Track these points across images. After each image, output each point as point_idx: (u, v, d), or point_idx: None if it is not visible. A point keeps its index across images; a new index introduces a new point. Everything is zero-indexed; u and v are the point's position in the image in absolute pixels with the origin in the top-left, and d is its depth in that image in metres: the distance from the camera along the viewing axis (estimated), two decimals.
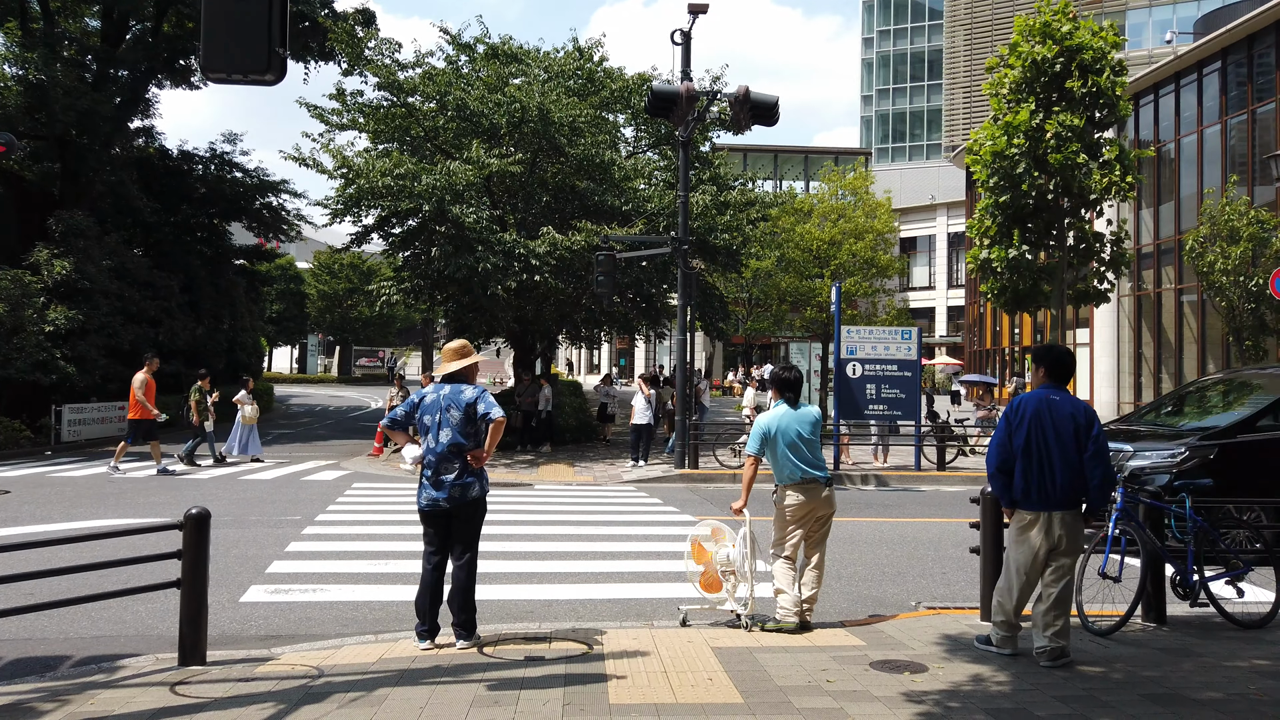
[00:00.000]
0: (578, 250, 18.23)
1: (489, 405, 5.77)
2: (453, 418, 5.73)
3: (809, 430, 6.34)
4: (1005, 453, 5.32)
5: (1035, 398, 5.34)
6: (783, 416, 6.32)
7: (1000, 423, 5.45)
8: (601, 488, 14.72)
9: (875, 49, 76.75)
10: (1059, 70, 16.26)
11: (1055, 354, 5.62)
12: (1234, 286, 20.24)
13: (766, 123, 14.31)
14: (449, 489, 5.68)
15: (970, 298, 43.56)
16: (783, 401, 6.42)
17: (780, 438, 6.27)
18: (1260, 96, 26.98)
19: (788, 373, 6.48)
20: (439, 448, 5.70)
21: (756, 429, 6.37)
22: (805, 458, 6.27)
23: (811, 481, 6.24)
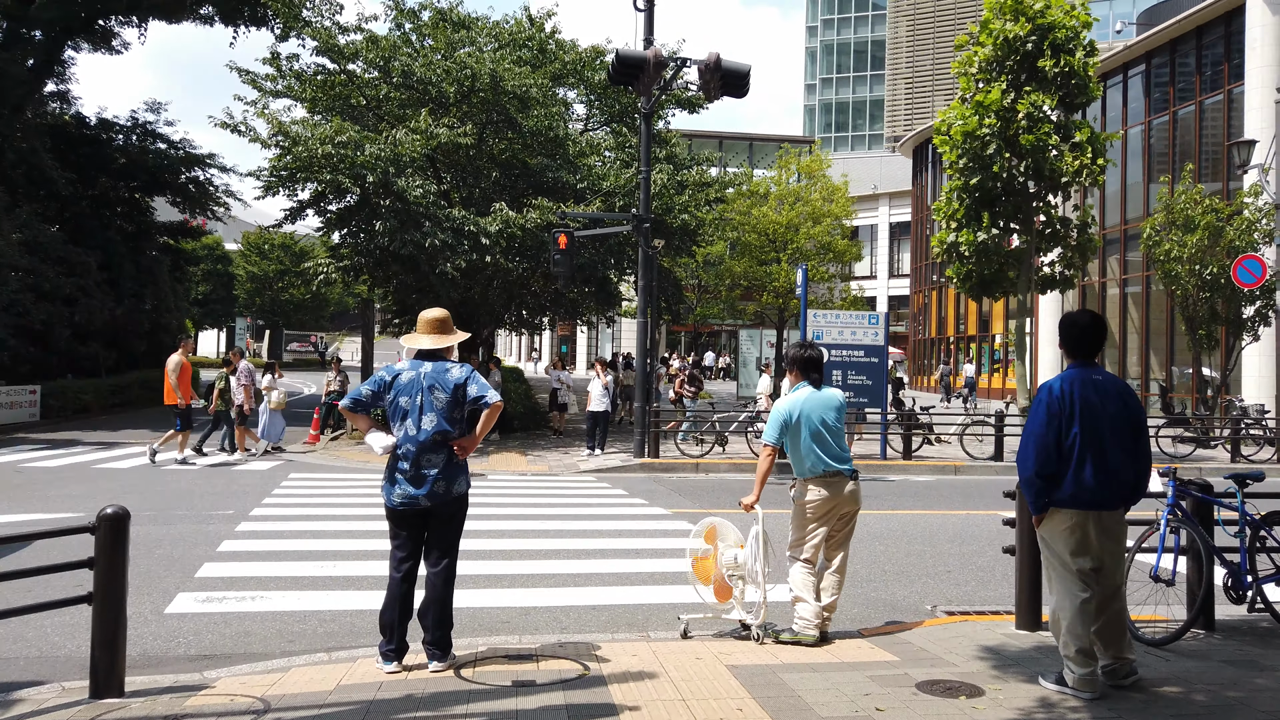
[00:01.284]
0: (531, 229, 17.30)
1: (483, 387, 4.92)
2: (438, 401, 4.86)
3: (835, 417, 5.62)
4: (1049, 454, 4.39)
5: (1077, 380, 4.44)
6: (806, 401, 5.58)
7: (1038, 418, 4.43)
8: (558, 478, 13.88)
9: (819, 38, 76.73)
10: (1031, 49, 15.82)
11: (1075, 324, 4.60)
12: (1190, 275, 20.19)
13: (737, 93, 13.56)
14: (431, 484, 4.81)
15: (915, 286, 43.63)
16: (805, 384, 5.68)
17: (804, 425, 5.53)
18: (1208, 88, 27.19)
19: (808, 351, 5.74)
20: (421, 436, 4.83)
21: (776, 415, 5.61)
22: (830, 448, 5.54)
23: (836, 475, 5.52)
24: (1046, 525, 4.51)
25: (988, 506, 11.42)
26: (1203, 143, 27.47)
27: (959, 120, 16.20)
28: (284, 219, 20.56)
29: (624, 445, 17.42)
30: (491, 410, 4.87)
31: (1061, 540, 4.45)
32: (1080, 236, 16.87)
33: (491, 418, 4.91)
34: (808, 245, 22.44)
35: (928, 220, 41.73)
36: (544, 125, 18.95)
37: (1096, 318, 4.61)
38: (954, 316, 39.25)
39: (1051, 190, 16.30)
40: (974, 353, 37.86)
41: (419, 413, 4.84)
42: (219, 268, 54.93)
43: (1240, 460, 16.57)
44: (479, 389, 4.89)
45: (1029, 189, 16.40)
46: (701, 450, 15.76)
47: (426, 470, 4.81)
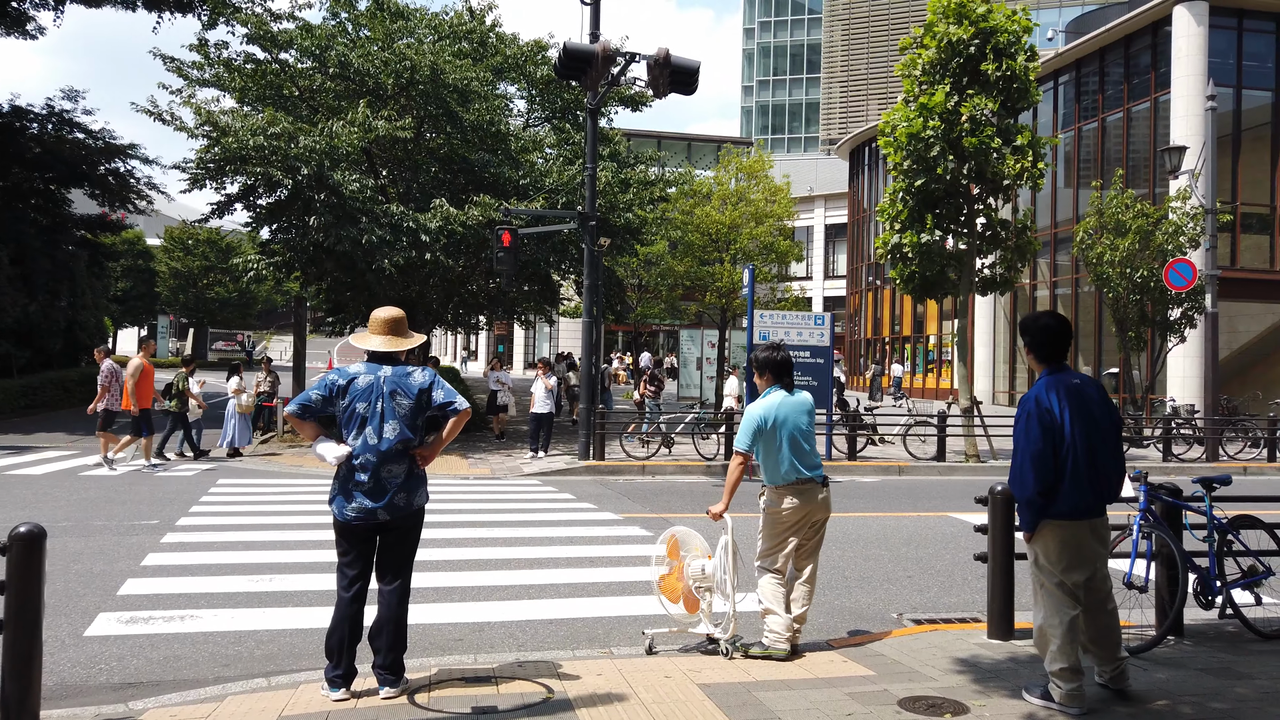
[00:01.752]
0: (472, 225, 16.86)
1: (449, 393, 4.61)
2: (400, 407, 4.52)
3: (808, 421, 5.42)
4: (1049, 469, 4.16)
5: (1059, 388, 4.26)
6: (781, 406, 5.37)
7: (1032, 434, 4.20)
8: (501, 481, 13.50)
9: (756, 40, 77.25)
10: (973, 52, 15.95)
11: (1046, 329, 4.41)
12: (1120, 278, 20.66)
13: (685, 89, 13.31)
14: (392, 496, 4.47)
15: (852, 287, 44.09)
16: (777, 388, 5.46)
17: (780, 431, 5.31)
18: (1136, 95, 27.92)
19: (780, 353, 5.52)
20: (383, 445, 4.48)
21: (750, 421, 5.38)
22: (805, 455, 5.34)
23: (809, 482, 5.32)
24: (1040, 541, 4.34)
25: (936, 508, 11.41)
26: (1130, 149, 28.20)
27: (903, 122, 16.24)
28: (211, 213, 19.73)
29: (568, 447, 17.09)
30: (460, 417, 4.57)
31: (1058, 555, 4.29)
32: (1019, 239, 17.06)
33: (459, 425, 4.62)
34: (750, 245, 22.38)
35: (864, 222, 42.22)
36: (485, 120, 18.51)
37: (1062, 319, 4.48)
38: (889, 317, 39.75)
39: (993, 193, 16.47)
40: (907, 353, 38.39)
41: (379, 420, 4.50)
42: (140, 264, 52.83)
43: (1171, 459, 16.95)
44: (446, 394, 4.58)
45: (970, 191, 16.54)
46: (648, 452, 15.53)
47: (387, 482, 4.47)
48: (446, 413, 4.59)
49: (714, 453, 15.56)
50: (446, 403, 4.55)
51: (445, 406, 4.55)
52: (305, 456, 15.40)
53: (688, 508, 10.99)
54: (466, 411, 4.60)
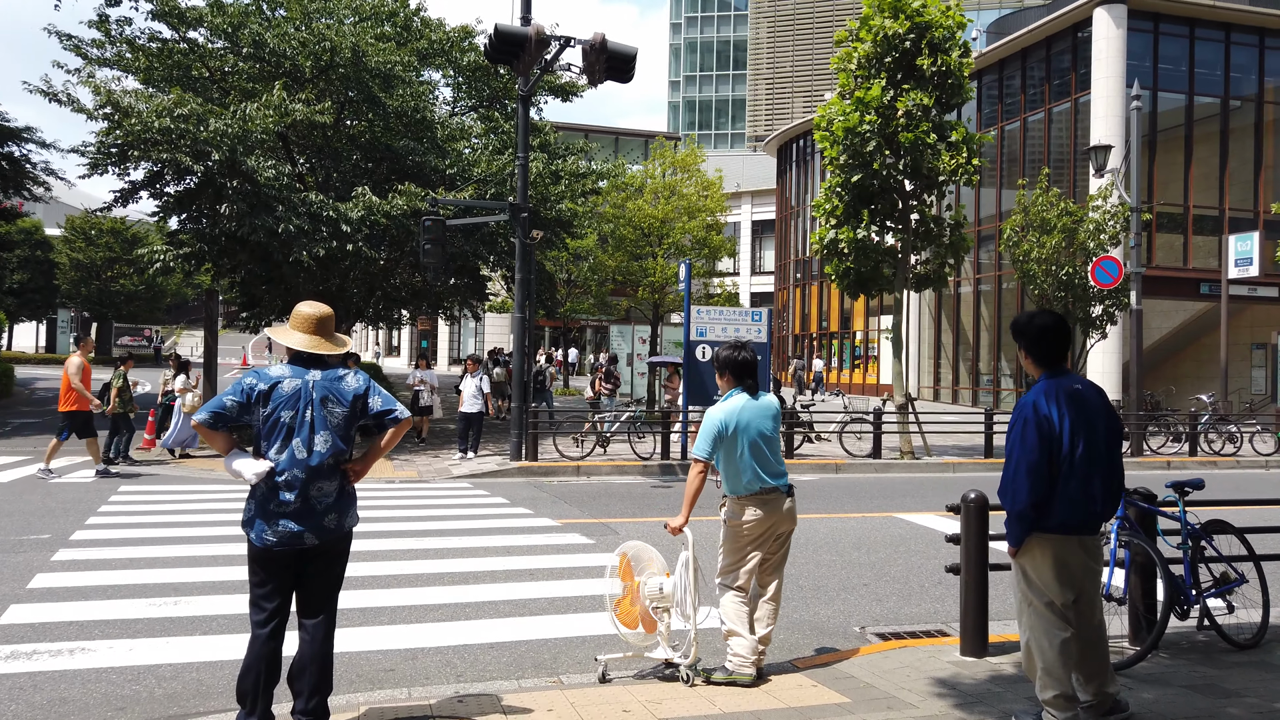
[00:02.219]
0: (397, 215, 16.12)
1: (388, 400, 4.09)
2: (332, 416, 3.97)
3: (772, 427, 5.02)
4: (1044, 481, 3.83)
5: (1059, 394, 3.90)
6: (743, 410, 4.96)
7: (1028, 443, 3.83)
8: (430, 485, 12.87)
9: (683, 35, 77.18)
10: (909, 47, 15.86)
11: (1043, 329, 4.03)
12: (1046, 275, 20.93)
13: (622, 77, 12.86)
14: (321, 518, 3.92)
15: (780, 283, 44.24)
16: (739, 390, 5.05)
17: (741, 437, 4.90)
18: (1057, 96, 28.46)
19: (742, 353, 5.10)
20: (314, 460, 3.91)
21: (709, 426, 4.95)
22: (769, 463, 4.94)
23: (773, 492, 4.92)
24: (1027, 556, 4.00)
25: (879, 508, 11.20)
26: (1052, 148, 28.74)
27: (840, 116, 16.07)
28: (114, 201, 18.48)
29: (498, 447, 16.51)
30: (400, 427, 4.08)
31: (1046, 571, 3.96)
32: (953, 235, 17.07)
33: (398, 436, 4.12)
34: (684, 240, 22.05)
35: (792, 218, 42.36)
36: (410, 106, 17.77)
37: (1059, 317, 4.13)
38: (817, 313, 39.96)
39: (927, 189, 16.41)
40: (834, 349, 38.67)
41: (309, 431, 3.93)
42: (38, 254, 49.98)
43: None
44: (384, 401, 4.06)
45: (905, 187, 16.46)
46: (582, 452, 15.04)
47: (317, 501, 3.91)
48: (384, 422, 4.07)
49: (650, 452, 15.15)
50: (384, 411, 4.03)
51: (383, 415, 4.03)
52: (218, 460, 14.48)
53: (628, 511, 10.56)
54: (407, 421, 4.10)
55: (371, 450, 4.13)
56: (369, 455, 4.12)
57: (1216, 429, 18.36)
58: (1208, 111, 27.58)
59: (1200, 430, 17.92)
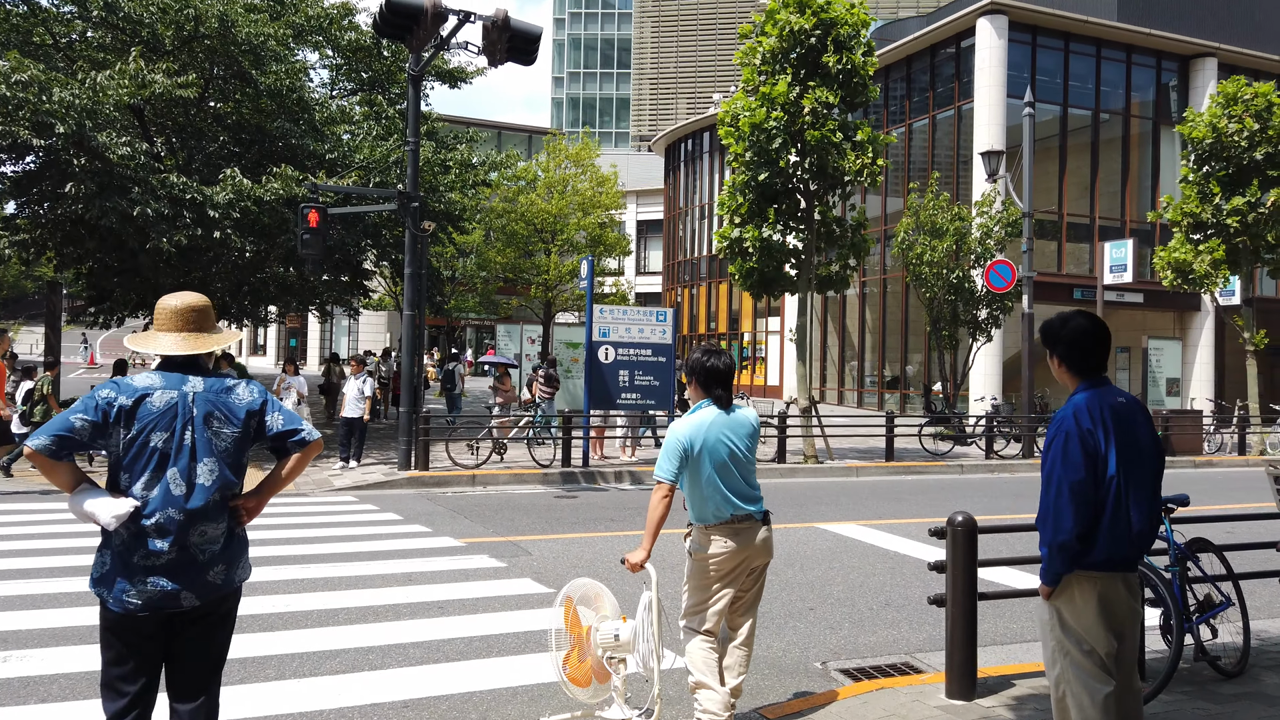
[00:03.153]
0: (270, 202, 14.73)
1: (291, 417, 3.17)
2: (219, 439, 3.04)
3: (747, 446, 4.30)
4: (1091, 506, 3.25)
5: (1102, 406, 3.33)
6: (711, 425, 4.22)
7: (1072, 461, 3.25)
8: (309, 500, 11.67)
9: (566, 31, 76.26)
10: (815, 43, 15.56)
11: (1082, 331, 3.43)
12: (936, 279, 21.16)
13: (524, 58, 12.00)
14: (204, 572, 2.98)
15: (668, 284, 43.94)
16: (709, 402, 4.31)
17: (708, 457, 4.17)
18: (941, 103, 29.03)
19: (712, 359, 4.36)
20: (195, 496, 2.97)
21: (673, 443, 4.20)
22: (739, 486, 4.23)
23: (746, 520, 4.22)
24: (1065, 597, 3.40)
25: (797, 517, 10.71)
26: (936, 154, 29.32)
27: (746, 112, 15.62)
28: None
29: (383, 455, 15.33)
30: (309, 450, 3.18)
31: (1088, 615, 3.36)
32: (854, 236, 16.90)
33: (305, 461, 3.20)
34: (578, 236, 21.25)
35: (680, 218, 42.12)
36: (284, 84, 16.35)
37: (1097, 318, 3.56)
38: (705, 314, 39.83)
39: (832, 188, 16.16)
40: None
41: (189, 458, 2.98)
42: None
43: (994, 456, 17.31)
44: (287, 419, 3.16)
45: (810, 187, 16.16)
46: (477, 459, 14.05)
47: (199, 549, 2.98)
48: (288, 446, 3.16)
49: (550, 459, 14.31)
50: (288, 431, 3.13)
51: (286, 437, 3.13)
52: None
53: (536, 526, 9.71)
54: (319, 443, 3.19)
55: (271, 482, 3.21)
56: (266, 488, 3.21)
57: None
58: (1080, 123, 28.67)
59: None
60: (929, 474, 15.91)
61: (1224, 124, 19.41)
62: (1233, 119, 19.40)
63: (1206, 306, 28.95)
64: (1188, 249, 20.05)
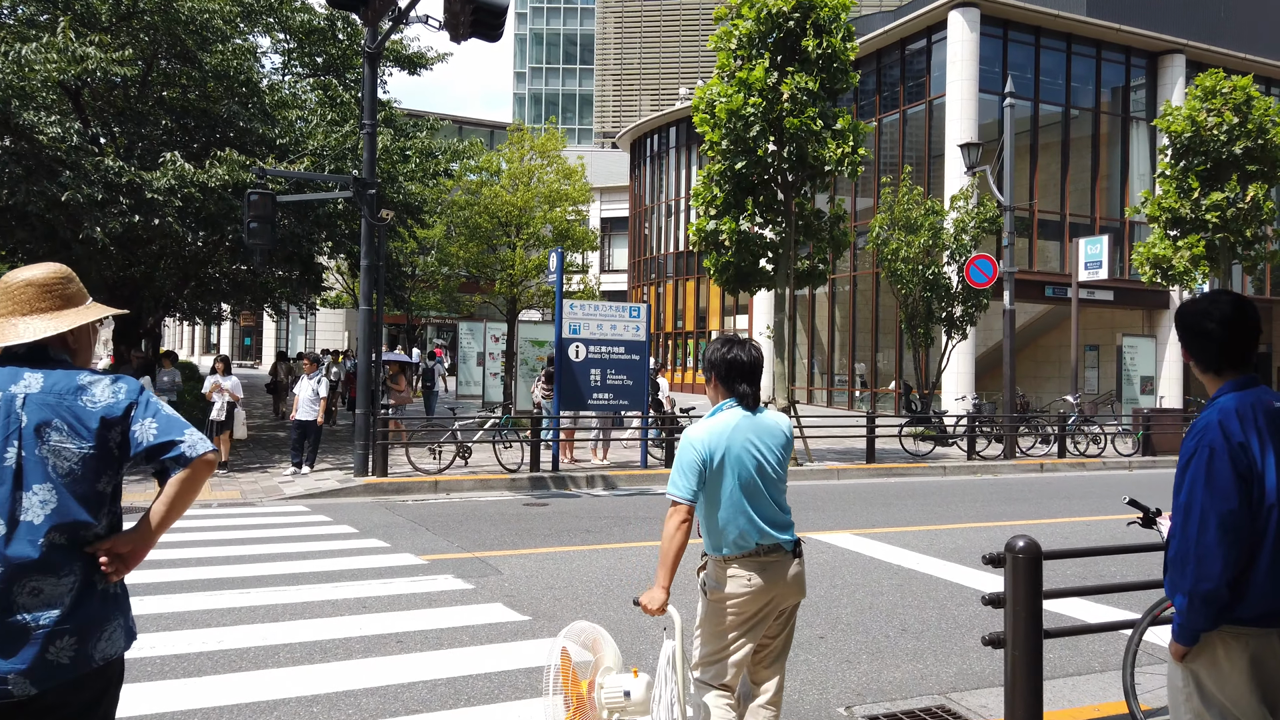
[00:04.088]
0: (215, 188, 13.71)
1: (170, 424, 2.38)
2: (61, 457, 2.23)
3: (777, 456, 3.54)
4: (1245, 543, 2.54)
5: (1260, 411, 2.63)
6: (735, 430, 3.46)
7: (1216, 480, 2.54)
8: (257, 509, 10.73)
9: (529, 25, 75.20)
10: (794, 26, 14.90)
11: (1227, 320, 2.70)
12: (912, 275, 20.63)
13: (490, 34, 11.16)
14: (40, 647, 2.15)
15: (633, 281, 43.18)
16: (733, 402, 3.55)
17: (731, 470, 3.41)
18: (912, 98, 28.60)
19: (735, 350, 3.59)
20: (17, 538, 2.15)
21: (689, 454, 3.42)
22: (767, 508, 3.47)
23: (774, 551, 3.46)
24: (1205, 657, 2.68)
25: None
26: (906, 150, 28.88)
27: (722, 98, 14.90)
28: None
29: (339, 459, 14.41)
30: (197, 469, 2.33)
31: (1235, 682, 2.64)
32: (834, 230, 16.27)
33: (197, 483, 2.36)
34: (544, 230, 20.42)
35: (646, 215, 41.40)
36: (231, 65, 15.33)
37: (1245, 301, 2.84)
38: (672, 312, 39.15)
39: (811, 179, 15.50)
40: (690, 348, 37.97)
41: (10, 484, 2.17)
42: None
43: (976, 457, 16.79)
44: (163, 428, 2.32)
45: (788, 177, 15.49)
46: (439, 465, 13.18)
47: (29, 615, 2.15)
48: (164, 463, 2.32)
49: (517, 462, 13.48)
50: (163, 445, 2.30)
51: (162, 452, 2.29)
52: None
53: (506, 539, 8.89)
54: (209, 460, 2.35)
55: (149, 520, 2.36)
56: (144, 528, 2.36)
57: (1082, 430, 18.44)
58: (1051, 119, 28.39)
59: (1069, 431, 17.89)
60: (912, 476, 15.33)
61: (1203, 117, 19.10)
62: (1211, 112, 19.10)
63: (1175, 304, 28.86)
64: (1167, 244, 19.72)
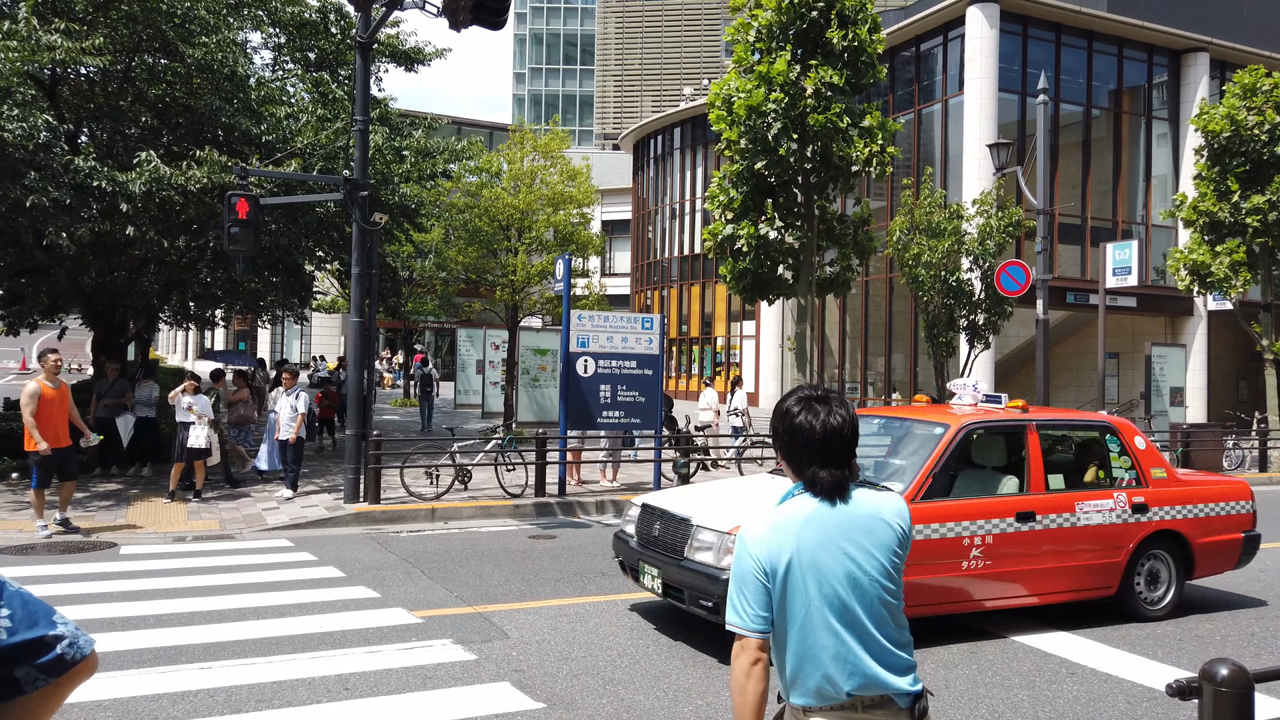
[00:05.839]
0: (196, 191, 12.70)
1: (33, 615, 1.41)
2: None
3: (882, 565, 2.47)
4: None
5: None
6: (805, 526, 2.43)
7: None
8: (235, 543, 9.72)
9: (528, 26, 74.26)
10: (817, 17, 13.93)
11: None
12: (934, 281, 19.64)
13: (492, 19, 10.18)
14: None
15: (636, 286, 42.21)
16: (804, 487, 2.52)
17: (808, 583, 2.40)
18: (926, 97, 27.63)
19: (803, 414, 2.51)
20: None
21: (742, 564, 2.41)
22: (870, 639, 2.43)
23: (880, 707, 2.43)
24: None
25: None
26: (921, 151, 27.90)
27: (741, 93, 13.92)
28: None
29: (330, 480, 13.40)
30: (63, 684, 1.39)
31: None
32: (858, 234, 15.29)
33: (61, 701, 1.36)
34: (547, 234, 19.45)
35: (649, 218, 40.42)
36: (218, 58, 14.32)
37: None
38: (677, 318, 38.18)
39: (837, 179, 14.52)
40: (695, 355, 37.00)
41: None
42: None
43: None
44: (20, 622, 1.41)
45: (809, 179, 14.51)
46: (437, 489, 12.16)
47: None
48: (18, 678, 1.34)
49: (522, 485, 12.47)
50: (20, 648, 1.36)
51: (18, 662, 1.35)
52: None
53: (511, 586, 7.86)
54: (83, 667, 1.36)
55: None
56: None
57: None
58: (1071, 119, 27.45)
59: None
60: None
61: (1243, 116, 18.12)
62: (1252, 111, 18.12)
63: (1199, 310, 27.91)
64: (1204, 250, 18.73)
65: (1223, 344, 29.65)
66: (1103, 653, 6.26)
